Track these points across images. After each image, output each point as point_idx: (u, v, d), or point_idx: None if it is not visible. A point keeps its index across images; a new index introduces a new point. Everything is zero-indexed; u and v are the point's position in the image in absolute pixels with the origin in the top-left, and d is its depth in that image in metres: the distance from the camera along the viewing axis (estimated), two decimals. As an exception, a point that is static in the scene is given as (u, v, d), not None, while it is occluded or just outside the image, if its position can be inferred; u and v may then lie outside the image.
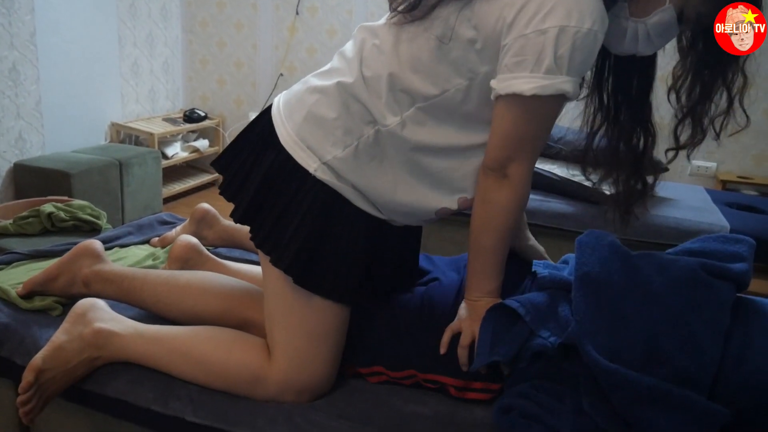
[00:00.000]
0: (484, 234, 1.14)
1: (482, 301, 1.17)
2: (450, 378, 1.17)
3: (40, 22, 3.39)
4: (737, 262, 1.16)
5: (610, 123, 1.27)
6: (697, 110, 1.13)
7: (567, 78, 1.02)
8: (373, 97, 1.12)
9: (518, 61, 1.01)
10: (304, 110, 1.17)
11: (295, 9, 4.37)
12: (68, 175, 3.17)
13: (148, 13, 4.28)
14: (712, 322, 1.05)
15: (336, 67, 1.18)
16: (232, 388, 1.17)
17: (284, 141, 1.16)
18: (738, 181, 3.65)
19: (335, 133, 1.14)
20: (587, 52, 1.02)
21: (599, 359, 1.01)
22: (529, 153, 1.09)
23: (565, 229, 2.53)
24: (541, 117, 1.07)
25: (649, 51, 1.15)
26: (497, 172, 1.09)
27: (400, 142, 1.13)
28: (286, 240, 1.14)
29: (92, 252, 1.43)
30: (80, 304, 1.26)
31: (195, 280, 1.37)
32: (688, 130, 1.15)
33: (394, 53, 1.10)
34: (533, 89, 1.01)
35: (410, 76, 1.10)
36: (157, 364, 1.20)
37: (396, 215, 1.20)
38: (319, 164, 1.14)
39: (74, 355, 1.20)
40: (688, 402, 0.96)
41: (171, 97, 4.64)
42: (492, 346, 1.11)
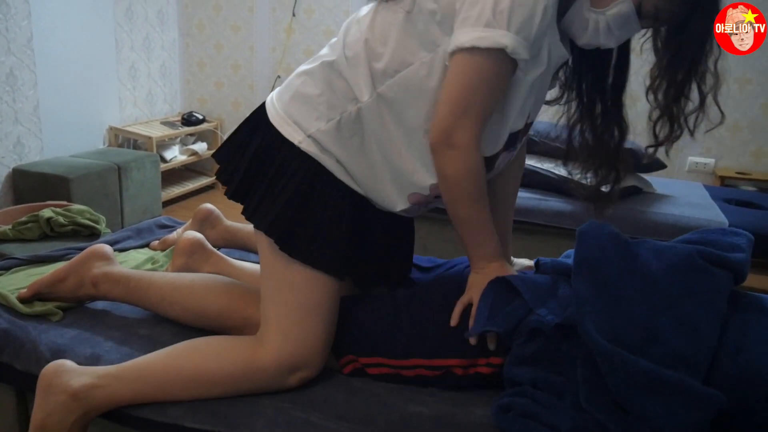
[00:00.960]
0: (454, 206, 1.18)
1: (488, 268, 1.21)
2: (456, 359, 1.18)
3: (36, 27, 3.40)
4: (735, 252, 1.17)
5: (586, 118, 1.32)
6: (673, 108, 1.17)
7: (506, 32, 1.05)
8: (354, 74, 1.18)
9: (463, 18, 1.07)
10: (292, 90, 1.25)
11: (292, 11, 4.38)
12: (67, 180, 3.17)
13: (145, 16, 4.28)
14: (708, 306, 1.07)
15: (322, 53, 1.26)
16: (232, 389, 1.17)
17: (272, 119, 1.24)
18: (736, 177, 3.66)
19: (319, 108, 1.20)
20: (528, 10, 1.05)
21: (599, 339, 1.02)
22: (474, 117, 1.11)
23: (564, 228, 2.53)
24: (484, 74, 1.09)
25: (612, 43, 1.18)
26: (442, 145, 1.12)
27: (376, 119, 1.18)
28: (269, 206, 1.20)
29: (103, 255, 1.45)
30: (44, 374, 1.16)
31: (199, 280, 1.39)
32: (666, 127, 1.19)
33: (371, 27, 1.17)
34: (471, 40, 1.05)
35: (380, 49, 1.16)
36: (149, 399, 1.17)
37: (373, 195, 1.25)
38: (304, 137, 1.20)
39: (60, 427, 1.13)
40: (684, 386, 0.97)
41: (169, 100, 4.64)
42: (489, 317, 1.14)
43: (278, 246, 1.19)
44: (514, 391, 1.10)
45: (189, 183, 4.43)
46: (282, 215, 1.18)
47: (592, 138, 1.32)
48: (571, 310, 1.10)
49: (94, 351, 1.27)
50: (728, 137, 3.76)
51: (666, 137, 1.20)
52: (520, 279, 1.19)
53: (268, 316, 1.21)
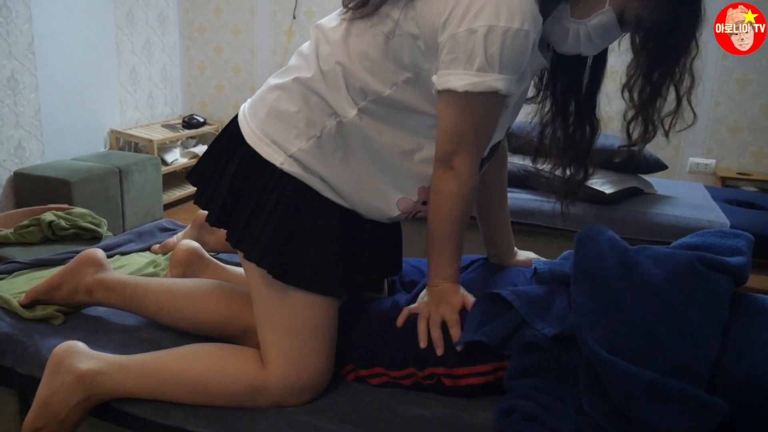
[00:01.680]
0: (436, 222, 1.18)
1: (440, 286, 1.20)
2: (440, 368, 1.17)
3: (38, 30, 3.40)
4: (735, 256, 1.17)
5: (558, 117, 1.32)
6: (648, 108, 1.16)
7: (499, 76, 1.05)
8: (332, 90, 1.15)
9: (452, 59, 1.06)
10: (267, 107, 1.20)
11: (292, 13, 4.38)
12: (68, 183, 3.17)
13: (146, 19, 4.29)
14: (709, 313, 1.06)
15: (293, 64, 1.23)
16: (232, 402, 1.17)
17: (249, 139, 1.20)
18: (737, 177, 3.66)
19: (298, 125, 1.17)
20: (518, 51, 1.05)
21: (599, 350, 1.02)
22: (472, 146, 1.13)
23: (565, 229, 2.53)
24: (477, 113, 1.11)
25: (592, 51, 1.19)
26: (444, 164, 1.14)
27: (360, 133, 1.17)
28: (257, 233, 1.17)
29: (95, 260, 1.43)
30: (55, 353, 1.19)
31: (196, 288, 1.36)
32: (640, 127, 1.18)
33: (345, 47, 1.15)
34: (465, 86, 1.06)
35: (360, 72, 1.14)
36: (150, 395, 1.18)
37: (361, 207, 1.23)
38: (285, 157, 1.17)
39: (63, 407, 1.15)
40: (687, 395, 0.96)
41: (170, 103, 4.65)
42: (479, 326, 1.13)
43: (271, 275, 1.16)
44: (516, 393, 1.10)
45: (190, 186, 4.41)
46: (271, 244, 1.15)
47: (563, 136, 1.32)
48: (571, 320, 1.09)
49: (97, 355, 1.27)
50: (729, 138, 3.76)
51: (640, 137, 1.19)
52: (514, 293, 1.18)
53: (267, 342, 1.19)
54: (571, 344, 1.09)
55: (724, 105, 3.71)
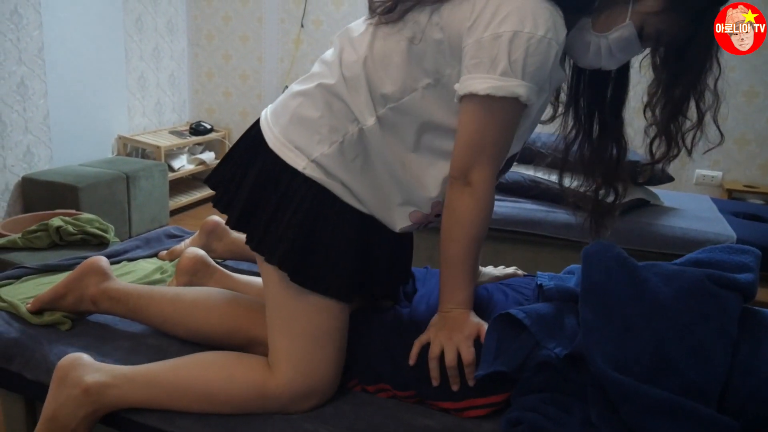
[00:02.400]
0: (451, 243, 1.16)
1: (453, 312, 1.18)
2: (448, 402, 1.16)
3: (47, 37, 3.43)
4: (744, 272, 1.16)
5: (584, 135, 1.32)
6: (671, 126, 1.16)
7: (521, 82, 1.06)
8: (354, 96, 1.16)
9: (475, 63, 1.06)
10: (289, 113, 1.21)
11: (300, 22, 4.40)
12: (76, 189, 3.19)
13: (155, 26, 4.31)
14: (720, 332, 1.05)
15: (316, 71, 1.23)
16: (240, 410, 1.17)
17: (272, 144, 1.20)
18: (744, 190, 3.65)
19: (320, 131, 1.18)
20: (541, 59, 1.06)
21: (607, 371, 1.01)
22: (489, 159, 1.12)
23: (572, 240, 2.53)
24: (498, 120, 1.10)
25: (612, 65, 1.19)
26: (460, 180, 1.13)
27: (378, 142, 1.17)
28: (278, 237, 1.17)
29: (98, 269, 1.42)
30: (60, 366, 1.19)
31: (200, 299, 1.36)
32: (663, 145, 1.18)
33: (369, 51, 1.16)
34: (487, 89, 1.06)
35: (381, 75, 1.14)
36: (158, 405, 1.18)
37: (378, 213, 1.23)
38: (308, 162, 1.17)
39: (70, 419, 1.15)
40: (698, 414, 0.96)
41: (177, 109, 4.67)
42: (496, 355, 1.11)
43: (291, 279, 1.16)
44: (523, 405, 1.09)
45: (197, 192, 4.45)
46: (293, 248, 1.16)
47: (590, 154, 1.32)
48: (579, 340, 1.09)
49: (103, 361, 1.27)
50: (736, 150, 3.75)
51: (663, 155, 1.19)
52: (524, 312, 1.16)
53: (277, 346, 1.19)
54: (580, 363, 1.09)
55: (731, 117, 3.70)
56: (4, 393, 1.39)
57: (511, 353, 1.11)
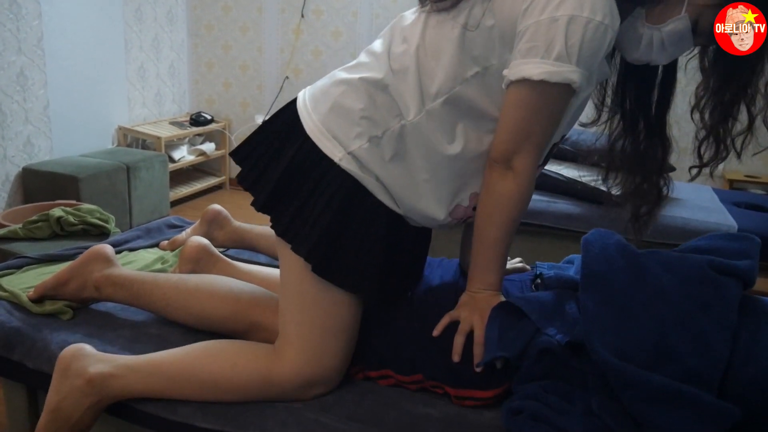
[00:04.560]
0: (489, 226, 1.16)
1: (482, 294, 1.19)
2: (449, 387, 1.17)
3: (47, 27, 3.42)
4: (743, 259, 1.16)
5: (629, 134, 1.30)
6: (719, 129, 1.14)
7: (575, 68, 1.04)
8: (402, 89, 1.14)
9: (530, 47, 1.04)
10: (330, 101, 1.18)
11: (300, 12, 4.38)
12: (76, 179, 3.19)
13: (154, 17, 4.30)
14: (720, 319, 1.05)
15: (363, 62, 1.21)
16: (244, 397, 1.17)
17: (310, 130, 1.18)
18: (745, 180, 3.65)
19: (361, 123, 1.15)
20: (597, 45, 1.04)
21: (608, 357, 1.01)
22: (535, 145, 1.11)
23: (573, 230, 2.53)
24: (547, 106, 1.09)
25: (663, 60, 1.16)
26: (502, 165, 1.12)
27: (422, 137, 1.15)
28: (308, 228, 1.15)
29: (103, 256, 1.43)
30: (62, 356, 1.19)
31: (204, 284, 1.36)
32: (712, 148, 1.16)
33: (422, 40, 1.13)
34: (542, 74, 1.04)
35: (433, 64, 1.12)
36: (161, 395, 1.18)
37: (413, 213, 1.21)
38: (345, 154, 1.15)
39: (74, 411, 1.15)
40: (698, 401, 0.96)
41: (177, 100, 4.66)
42: (498, 342, 1.12)
43: (315, 271, 1.15)
44: (525, 394, 1.10)
45: (197, 183, 4.45)
46: (322, 240, 1.14)
47: (634, 153, 1.30)
48: (580, 327, 1.09)
49: (105, 350, 1.28)
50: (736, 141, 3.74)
51: (711, 158, 1.18)
52: (525, 300, 1.17)
53: (288, 332, 1.19)
54: (580, 350, 1.09)
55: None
56: (6, 382, 1.39)
57: (511, 340, 1.12)
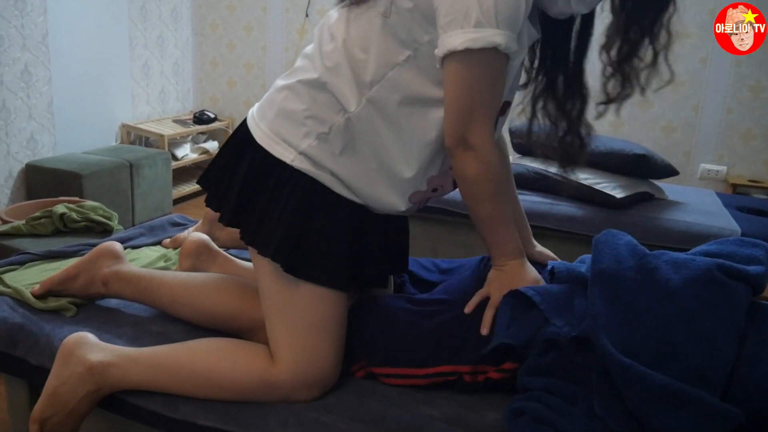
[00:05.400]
0: (476, 206, 1.19)
1: (509, 265, 1.22)
2: (467, 366, 1.18)
3: (52, 24, 3.42)
4: (754, 265, 1.16)
5: (549, 89, 1.32)
6: (625, 66, 1.16)
7: (497, 30, 1.05)
8: (338, 85, 1.16)
9: (449, 21, 1.06)
10: (275, 108, 1.22)
11: (305, 11, 4.39)
12: (79, 176, 3.19)
13: (159, 15, 4.30)
14: (726, 321, 1.06)
15: (299, 66, 1.23)
16: (243, 397, 1.17)
17: (260, 139, 1.21)
18: (748, 184, 3.64)
19: (306, 123, 1.18)
20: (513, 3, 1.05)
21: (614, 353, 1.02)
22: (483, 117, 1.12)
23: (575, 233, 2.53)
24: (483, 75, 1.10)
25: (583, 9, 1.18)
26: (459, 147, 1.13)
27: (368, 127, 1.17)
28: (270, 230, 1.18)
29: (113, 253, 1.44)
30: (65, 343, 1.21)
31: (211, 281, 1.38)
32: (618, 85, 1.19)
33: (347, 35, 1.15)
34: (464, 43, 1.05)
35: (362, 56, 1.14)
36: (160, 388, 1.19)
37: (372, 202, 1.23)
38: (296, 154, 1.18)
39: (72, 397, 1.17)
40: (702, 402, 0.96)
41: (181, 98, 4.66)
42: (507, 329, 1.14)
43: (285, 270, 1.17)
44: (527, 395, 1.10)
45: (199, 181, 4.44)
46: (285, 240, 1.16)
47: (554, 107, 1.32)
48: (587, 322, 1.09)
49: (108, 347, 1.28)
50: (741, 145, 3.74)
51: (617, 95, 1.20)
52: (535, 290, 1.18)
53: (276, 336, 1.20)
54: (586, 346, 1.09)
55: (736, 111, 3.69)
56: (8, 378, 1.40)
57: (519, 328, 1.13)
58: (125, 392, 1.20)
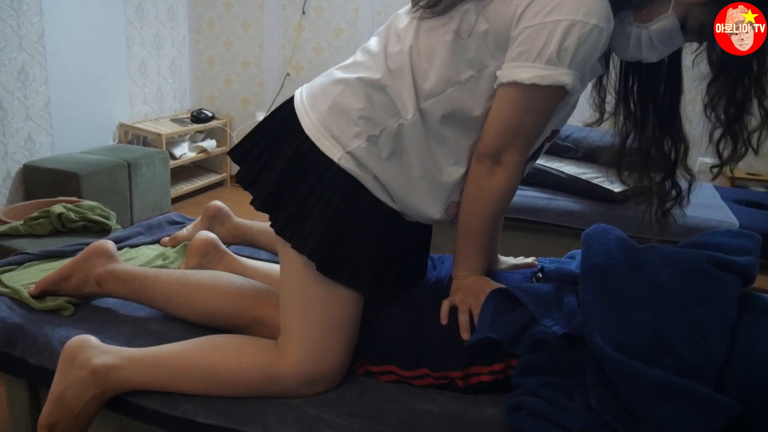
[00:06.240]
0: (475, 218, 1.19)
1: (469, 279, 1.23)
2: (458, 371, 1.18)
3: (48, 23, 3.41)
4: (743, 255, 1.16)
5: (638, 130, 1.30)
6: (735, 126, 1.14)
7: (567, 71, 1.05)
8: (398, 89, 1.15)
9: (522, 51, 1.06)
10: (329, 100, 1.19)
11: (302, 8, 4.38)
12: (77, 176, 3.18)
13: (155, 13, 4.29)
14: (718, 313, 1.06)
15: (360, 61, 1.21)
16: (247, 392, 1.17)
17: (308, 130, 1.19)
18: (747, 177, 3.64)
19: (359, 123, 1.16)
20: (591, 48, 1.05)
21: (607, 350, 1.02)
22: (524, 142, 1.14)
23: (573, 227, 2.53)
24: (538, 107, 1.11)
25: (653, 57, 1.17)
26: (491, 159, 1.14)
27: (418, 136, 1.16)
28: (308, 226, 1.16)
29: (105, 252, 1.43)
30: (68, 347, 1.20)
31: (206, 279, 1.37)
32: (729, 146, 1.16)
33: (415, 41, 1.14)
34: (532, 78, 1.05)
35: (426, 67, 1.13)
36: (165, 387, 1.19)
37: (409, 210, 1.22)
38: (343, 153, 1.16)
39: (77, 401, 1.16)
40: (696, 394, 0.96)
41: (178, 97, 4.66)
42: (491, 324, 1.14)
43: (318, 269, 1.16)
44: (524, 390, 1.10)
45: (198, 180, 4.44)
46: (323, 238, 1.15)
47: (645, 150, 1.29)
48: (578, 319, 1.09)
49: (106, 346, 1.28)
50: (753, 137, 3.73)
51: (730, 156, 1.17)
52: (523, 290, 1.18)
53: (290, 330, 1.19)
54: (579, 343, 1.09)
55: (734, 104, 3.68)
56: (8, 378, 1.40)
57: (503, 324, 1.13)
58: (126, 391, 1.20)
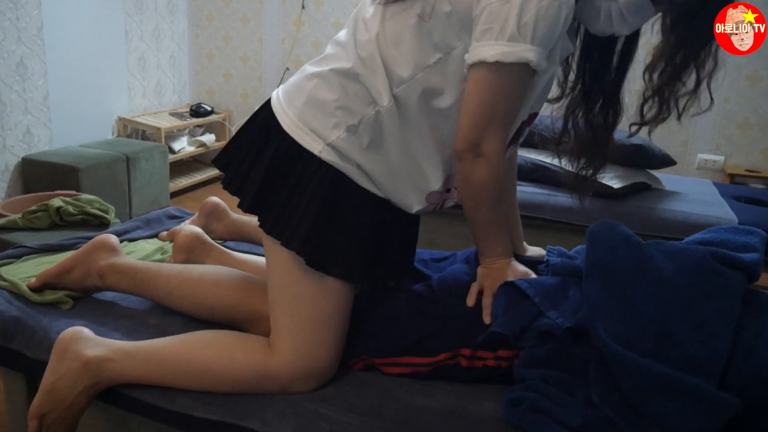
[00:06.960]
0: (476, 210, 1.20)
1: (498, 263, 1.24)
2: (467, 349, 1.19)
3: (47, 16, 3.40)
4: (748, 252, 1.16)
5: (583, 102, 1.32)
6: (665, 90, 1.16)
7: (530, 47, 1.05)
8: (371, 77, 1.15)
9: (485, 30, 1.06)
10: (304, 95, 1.19)
11: (301, 3, 4.37)
12: (76, 170, 3.18)
13: (155, 6, 4.28)
14: (722, 309, 1.06)
15: (331, 53, 1.22)
16: (240, 389, 1.17)
17: (287, 127, 1.19)
18: (746, 174, 3.64)
19: (336, 114, 1.16)
20: (552, 22, 1.05)
21: (611, 344, 1.02)
22: (499, 128, 1.13)
23: (573, 223, 2.53)
24: (507, 87, 1.10)
25: (625, 30, 1.18)
26: (471, 153, 1.13)
27: (394, 123, 1.16)
28: (295, 222, 1.16)
29: (109, 245, 1.43)
30: (61, 338, 1.20)
31: (208, 273, 1.37)
32: (655, 108, 1.18)
33: (381, 31, 1.14)
34: (496, 55, 1.05)
35: (394, 53, 1.13)
36: (157, 381, 1.18)
37: (393, 196, 1.23)
38: (324, 146, 1.16)
39: (69, 392, 1.16)
40: (699, 391, 0.96)
41: (177, 91, 4.65)
42: (503, 314, 1.15)
43: (308, 264, 1.16)
44: (524, 385, 1.10)
45: (197, 174, 4.44)
46: (311, 232, 1.15)
47: (584, 123, 1.32)
48: (583, 313, 1.09)
49: (105, 340, 1.28)
50: (738, 135, 3.74)
51: (653, 117, 1.19)
52: (529, 283, 1.19)
53: (279, 327, 1.19)
54: (582, 337, 1.09)
55: (733, 101, 3.69)
56: (5, 371, 1.40)
57: (511, 318, 1.14)
58: (122, 384, 1.20)
